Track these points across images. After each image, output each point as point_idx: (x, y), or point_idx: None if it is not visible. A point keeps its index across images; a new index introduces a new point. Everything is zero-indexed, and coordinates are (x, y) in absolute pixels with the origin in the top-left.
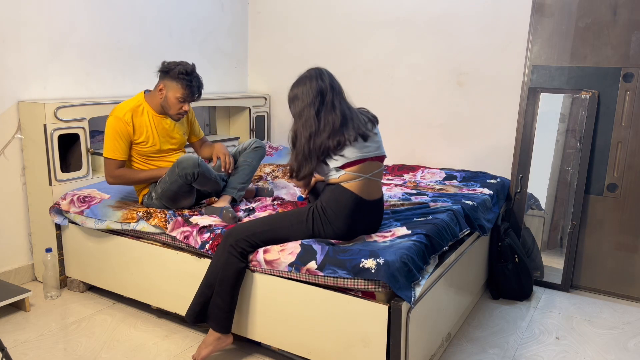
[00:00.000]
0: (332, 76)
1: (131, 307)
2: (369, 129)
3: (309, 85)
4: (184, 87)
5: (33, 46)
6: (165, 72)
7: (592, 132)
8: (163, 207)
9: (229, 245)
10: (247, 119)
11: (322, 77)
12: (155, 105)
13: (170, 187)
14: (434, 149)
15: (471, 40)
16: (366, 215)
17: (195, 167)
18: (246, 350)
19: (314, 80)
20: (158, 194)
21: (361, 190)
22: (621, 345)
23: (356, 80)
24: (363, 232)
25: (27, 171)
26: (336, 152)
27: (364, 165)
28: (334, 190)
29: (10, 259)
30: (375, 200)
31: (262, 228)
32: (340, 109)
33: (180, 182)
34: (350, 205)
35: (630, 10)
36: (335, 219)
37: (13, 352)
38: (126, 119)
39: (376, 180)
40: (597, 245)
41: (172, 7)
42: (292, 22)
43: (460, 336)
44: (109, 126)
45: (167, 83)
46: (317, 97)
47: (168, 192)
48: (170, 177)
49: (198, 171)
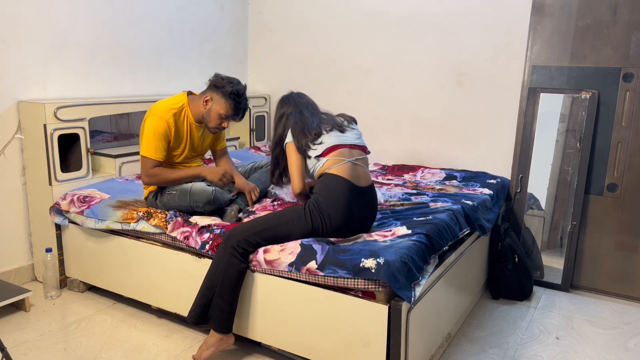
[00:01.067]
0: (309, 99)
1: (131, 307)
2: (346, 125)
3: (290, 103)
4: (230, 107)
5: (33, 46)
6: (216, 87)
7: (592, 132)
8: (164, 209)
9: (231, 247)
10: (247, 119)
11: (301, 97)
12: (196, 113)
13: (176, 206)
14: (434, 149)
15: (471, 40)
16: (360, 202)
17: (206, 205)
18: (246, 350)
19: (291, 99)
20: (163, 202)
21: (349, 174)
22: (621, 345)
23: (356, 80)
24: (360, 221)
25: (27, 171)
26: (314, 142)
27: (345, 150)
28: (323, 179)
29: (10, 259)
30: (365, 187)
31: (262, 227)
32: (317, 116)
33: (188, 208)
34: (341, 190)
35: (630, 10)
36: (329, 207)
37: (13, 352)
38: (169, 121)
39: (362, 166)
40: (597, 245)
41: (172, 7)
42: (292, 22)
43: (460, 336)
44: (151, 125)
45: (215, 97)
46: (297, 112)
47: (172, 207)
48: (180, 198)
49: (207, 209)
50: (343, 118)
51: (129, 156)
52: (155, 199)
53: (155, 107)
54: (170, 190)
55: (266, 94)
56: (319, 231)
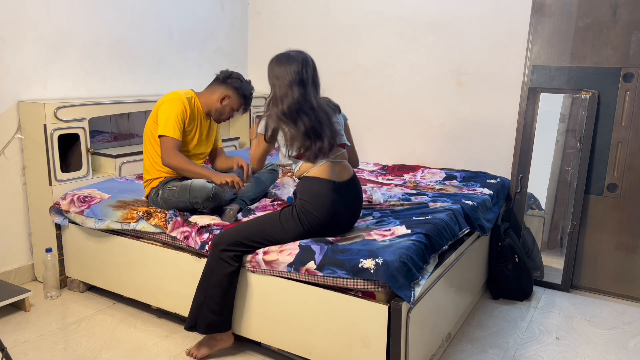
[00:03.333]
0: (315, 69)
1: (131, 307)
2: (328, 121)
3: (292, 69)
4: (243, 104)
5: (33, 46)
6: (235, 87)
7: (592, 132)
8: (164, 208)
9: (220, 251)
10: (247, 119)
11: (307, 67)
12: (206, 106)
13: (176, 202)
14: (434, 149)
15: (471, 40)
16: (342, 196)
17: (206, 201)
18: (246, 350)
19: (298, 65)
20: (163, 199)
21: (328, 174)
22: (621, 345)
23: (356, 80)
24: (347, 217)
25: (27, 171)
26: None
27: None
28: (304, 183)
29: (10, 259)
30: (347, 180)
31: (251, 230)
32: (315, 114)
33: (187, 205)
34: (323, 191)
35: (630, 10)
36: (314, 208)
37: (13, 352)
38: (185, 103)
39: (340, 161)
40: (597, 245)
41: (172, 7)
42: (292, 22)
43: (460, 336)
44: (168, 106)
45: (232, 96)
46: (296, 85)
47: (172, 204)
48: (180, 194)
49: (207, 206)
50: (328, 109)
51: (129, 156)
52: (156, 195)
53: (169, 94)
54: (171, 186)
55: (266, 94)
56: (310, 231)
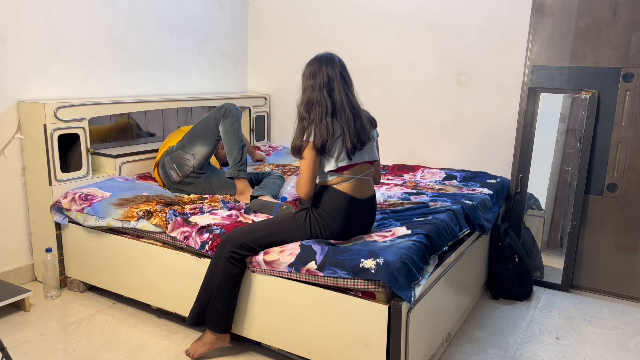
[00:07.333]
0: (343, 65)
1: (131, 307)
2: (368, 135)
3: (322, 69)
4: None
5: (33, 46)
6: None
7: (592, 132)
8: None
9: (227, 252)
10: (247, 119)
11: (333, 64)
12: None
13: (207, 148)
14: (434, 149)
15: (471, 40)
16: (361, 213)
17: (238, 112)
18: (246, 350)
19: (322, 64)
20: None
21: (354, 190)
22: (621, 345)
23: (356, 80)
24: (359, 230)
25: (27, 171)
26: (335, 156)
27: (357, 167)
28: (328, 194)
29: (10, 259)
30: (368, 198)
31: (260, 233)
32: (350, 109)
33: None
34: (345, 207)
35: (630, 10)
36: (332, 220)
37: (13, 352)
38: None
39: (368, 179)
40: (597, 245)
41: (172, 7)
42: (292, 22)
43: (460, 336)
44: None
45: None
46: (325, 85)
47: (203, 158)
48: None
49: (239, 117)
50: (366, 122)
51: (129, 156)
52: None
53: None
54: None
55: (266, 94)
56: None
